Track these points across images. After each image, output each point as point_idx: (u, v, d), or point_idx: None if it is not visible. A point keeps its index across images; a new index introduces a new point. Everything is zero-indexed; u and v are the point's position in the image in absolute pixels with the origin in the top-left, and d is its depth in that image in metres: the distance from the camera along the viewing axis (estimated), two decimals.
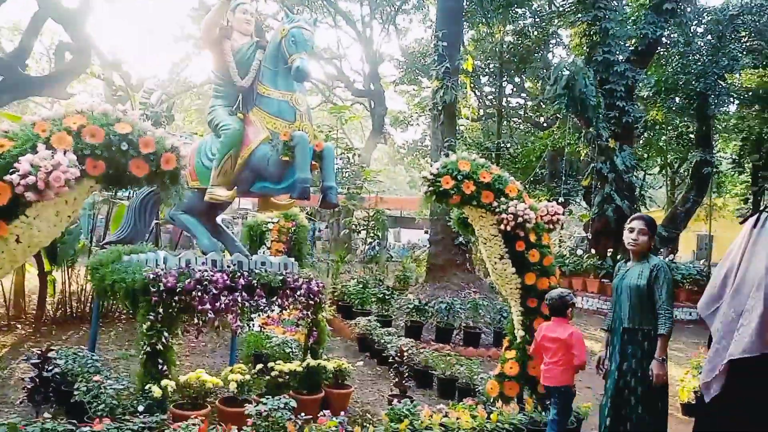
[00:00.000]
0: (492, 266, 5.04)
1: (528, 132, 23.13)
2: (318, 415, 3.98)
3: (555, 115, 18.78)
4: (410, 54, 23.70)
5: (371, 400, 5.87)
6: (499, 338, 7.77)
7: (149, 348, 4.29)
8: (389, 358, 6.19)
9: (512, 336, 5.11)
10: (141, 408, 3.99)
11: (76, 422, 3.65)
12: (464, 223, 5.43)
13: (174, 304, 4.34)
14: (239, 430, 3.71)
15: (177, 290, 4.34)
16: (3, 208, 3.07)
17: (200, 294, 4.41)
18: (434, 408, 4.38)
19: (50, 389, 4.58)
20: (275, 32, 5.27)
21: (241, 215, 19.49)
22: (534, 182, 20.09)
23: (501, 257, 4.95)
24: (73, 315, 8.30)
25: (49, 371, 4.65)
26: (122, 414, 3.92)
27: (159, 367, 4.30)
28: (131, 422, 3.69)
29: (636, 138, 16.88)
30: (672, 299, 3.87)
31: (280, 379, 4.84)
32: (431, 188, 4.82)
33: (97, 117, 3.40)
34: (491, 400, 4.91)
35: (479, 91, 22.85)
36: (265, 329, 6.83)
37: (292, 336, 6.52)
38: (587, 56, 14.11)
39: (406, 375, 5.64)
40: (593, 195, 14.20)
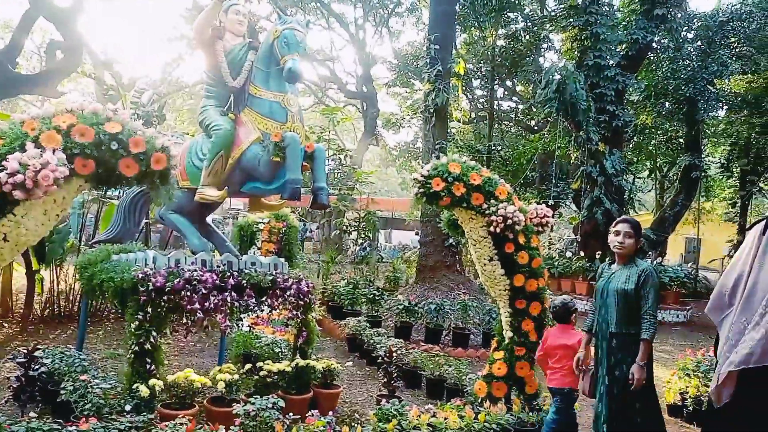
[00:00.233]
0: (481, 268, 5.07)
1: (519, 135, 23.22)
2: (306, 415, 3.99)
3: (546, 119, 18.87)
4: (403, 56, 23.75)
5: (360, 401, 5.88)
6: (488, 339, 7.80)
7: (137, 347, 4.29)
8: (378, 359, 6.21)
9: (500, 337, 5.14)
10: (128, 407, 3.98)
11: (62, 422, 3.64)
12: (454, 225, 5.47)
13: (163, 304, 4.35)
14: (227, 430, 3.71)
15: (166, 290, 4.34)
16: None
17: (189, 294, 4.41)
18: (422, 408, 4.41)
19: (36, 388, 4.57)
20: (268, 33, 5.28)
21: (232, 215, 19.44)
22: (524, 185, 20.19)
23: (490, 259, 4.99)
24: (61, 314, 8.26)
25: (36, 370, 4.64)
26: (109, 413, 3.91)
27: (147, 367, 4.30)
28: (118, 421, 3.68)
29: (626, 142, 16.99)
30: (657, 305, 3.87)
31: (269, 379, 4.85)
32: (422, 190, 4.85)
33: (87, 116, 3.41)
34: (479, 401, 4.94)
35: (471, 94, 22.93)
36: (255, 329, 6.83)
37: (282, 336, 6.52)
38: (578, 60, 14.20)
39: (395, 375, 5.66)
40: (583, 198, 14.28)
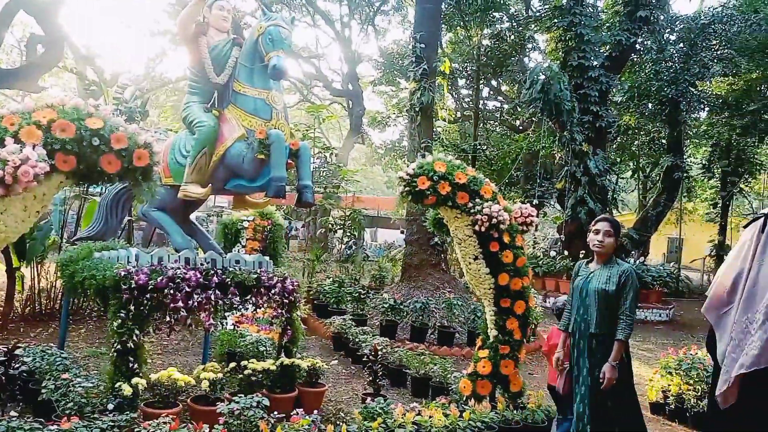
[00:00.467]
0: (466, 266, 5.08)
1: (504, 135, 23.32)
2: (291, 414, 3.98)
3: (531, 119, 18.99)
4: (388, 55, 23.71)
5: (345, 399, 5.87)
6: (473, 338, 7.83)
7: (120, 346, 4.25)
8: (364, 357, 6.20)
9: (485, 335, 5.15)
10: (111, 406, 3.95)
11: (44, 421, 3.59)
12: (439, 224, 5.47)
13: (146, 302, 4.30)
14: (211, 429, 3.69)
15: (149, 288, 4.30)
16: None
17: (173, 292, 4.38)
18: (407, 406, 4.41)
19: (17, 387, 4.50)
20: (252, 29, 5.25)
21: (216, 213, 19.31)
22: (509, 184, 20.29)
23: (475, 257, 4.99)
24: (42, 312, 8.15)
25: (16, 369, 4.57)
26: (91, 412, 3.87)
27: (130, 365, 4.26)
28: (100, 420, 3.64)
29: (609, 142, 17.17)
30: (636, 306, 3.86)
31: (253, 378, 4.83)
32: (407, 188, 4.84)
33: (68, 111, 3.36)
34: (464, 399, 4.95)
35: (456, 94, 22.97)
36: (239, 328, 6.79)
37: (267, 335, 6.49)
38: (563, 61, 14.31)
39: (380, 374, 5.65)
40: (567, 197, 14.39)
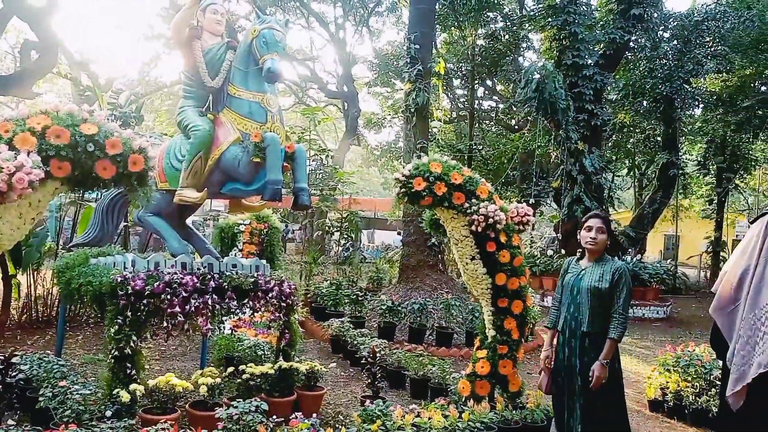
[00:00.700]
0: (463, 267, 5.08)
1: (500, 134, 23.34)
2: (290, 418, 3.97)
3: (526, 118, 19.01)
4: (383, 56, 23.73)
5: (344, 402, 5.86)
6: (471, 338, 7.84)
7: (117, 352, 4.23)
8: (362, 360, 6.19)
9: (483, 336, 5.15)
10: (109, 413, 3.93)
11: (41, 429, 3.59)
12: (436, 224, 5.47)
13: (143, 308, 4.29)
14: None
15: (146, 293, 4.29)
16: None
17: (170, 297, 4.36)
18: (407, 408, 4.41)
19: (14, 395, 4.49)
20: (246, 33, 5.24)
21: (212, 217, 19.29)
22: (505, 184, 20.32)
23: (472, 258, 5.00)
24: (39, 319, 8.12)
25: (13, 377, 4.56)
26: (89, 420, 3.86)
27: (127, 372, 4.24)
28: (98, 428, 3.63)
29: (605, 140, 17.18)
30: (629, 304, 3.83)
31: (252, 382, 4.81)
32: (403, 190, 4.84)
33: (63, 117, 3.35)
34: (463, 400, 4.95)
35: (451, 94, 23.00)
36: (237, 332, 6.78)
37: (264, 338, 6.48)
38: (557, 60, 14.32)
39: (379, 376, 5.64)
40: (563, 196, 14.41)
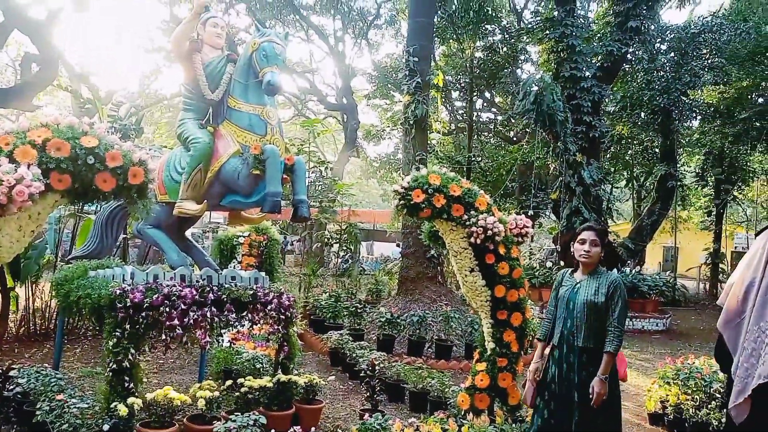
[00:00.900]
0: (463, 279, 5.08)
1: (498, 146, 23.42)
2: (288, 431, 3.95)
3: (524, 130, 19.10)
4: (382, 68, 23.86)
5: (343, 415, 5.83)
6: (471, 350, 7.80)
7: (115, 365, 4.21)
8: (361, 372, 6.16)
9: (482, 348, 5.13)
10: (106, 427, 3.91)
11: None
12: (435, 236, 5.47)
13: (141, 320, 4.28)
14: None
15: (144, 306, 4.28)
16: None
17: (168, 309, 4.35)
18: (406, 422, 4.38)
19: (11, 409, 4.47)
20: (246, 46, 5.27)
21: (212, 229, 19.28)
22: (504, 195, 20.36)
23: (471, 270, 4.99)
24: (37, 332, 8.09)
25: (11, 390, 4.54)
26: None
27: (125, 385, 4.22)
28: None
29: (603, 152, 17.24)
30: (625, 317, 3.77)
31: (250, 396, 4.79)
32: (402, 202, 4.84)
33: (63, 130, 3.36)
34: (462, 413, 4.91)
35: (450, 106, 23.11)
36: (235, 345, 6.75)
37: (263, 351, 6.45)
38: (555, 72, 14.40)
39: (378, 389, 5.62)
40: (562, 208, 14.42)
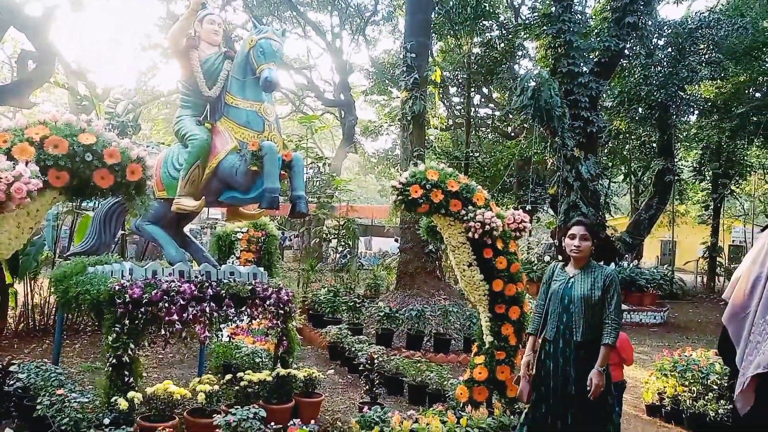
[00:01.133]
0: (461, 273, 5.11)
1: (496, 141, 23.41)
2: (288, 425, 3.98)
3: (522, 125, 19.09)
4: (380, 64, 23.83)
5: (342, 408, 5.87)
6: (469, 344, 7.84)
7: (115, 360, 4.24)
8: (360, 366, 6.20)
9: (481, 341, 5.17)
10: (107, 421, 3.93)
11: None
12: (433, 231, 5.50)
13: (140, 316, 4.30)
14: None
15: (143, 301, 4.30)
16: None
17: (167, 305, 4.38)
18: (405, 414, 4.41)
19: (12, 404, 4.50)
20: (243, 43, 5.28)
21: (210, 225, 19.30)
22: (502, 190, 20.36)
23: (469, 264, 5.02)
24: (36, 328, 8.12)
25: (11, 385, 4.56)
26: (87, 427, 3.86)
27: (125, 380, 4.25)
28: None
29: (600, 147, 17.27)
30: (620, 310, 3.81)
31: (250, 389, 4.82)
32: (400, 197, 4.87)
33: (61, 127, 3.38)
34: (461, 406, 4.95)
35: (448, 102, 23.09)
36: (234, 339, 6.78)
37: (262, 346, 6.49)
38: (552, 68, 14.41)
39: (377, 382, 5.66)
40: (559, 203, 14.46)
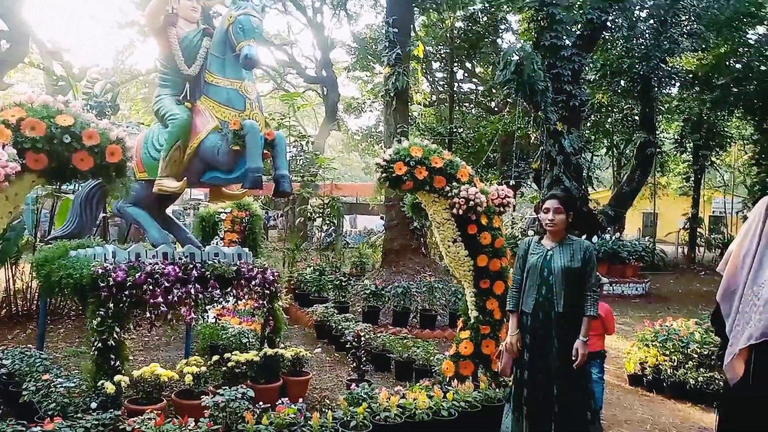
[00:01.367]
0: (446, 249, 5.13)
1: (480, 117, 23.41)
2: (277, 403, 4.00)
3: (505, 100, 19.09)
4: (361, 40, 23.55)
5: (330, 386, 5.91)
6: (455, 319, 7.89)
7: (101, 344, 4.22)
8: (347, 344, 6.23)
9: (466, 317, 5.22)
10: (94, 405, 3.92)
11: (26, 423, 3.56)
12: (418, 208, 5.50)
13: (125, 299, 4.28)
14: (196, 423, 3.69)
15: (127, 284, 4.27)
16: None
17: (152, 287, 4.35)
18: (392, 390, 4.46)
19: None
20: (222, 19, 5.18)
21: (193, 206, 19.15)
22: (486, 166, 20.44)
23: (454, 240, 5.05)
24: (19, 313, 8.04)
25: None
26: (74, 412, 3.84)
27: (111, 363, 4.24)
28: (84, 420, 3.62)
29: (583, 121, 17.33)
30: (597, 282, 3.97)
31: (237, 370, 4.83)
32: (384, 175, 4.85)
33: (37, 109, 3.30)
34: (447, 380, 5.02)
35: (431, 77, 22.96)
36: (221, 320, 6.77)
37: (249, 326, 6.49)
38: (535, 41, 14.36)
39: (364, 360, 5.69)
40: (543, 177, 14.53)
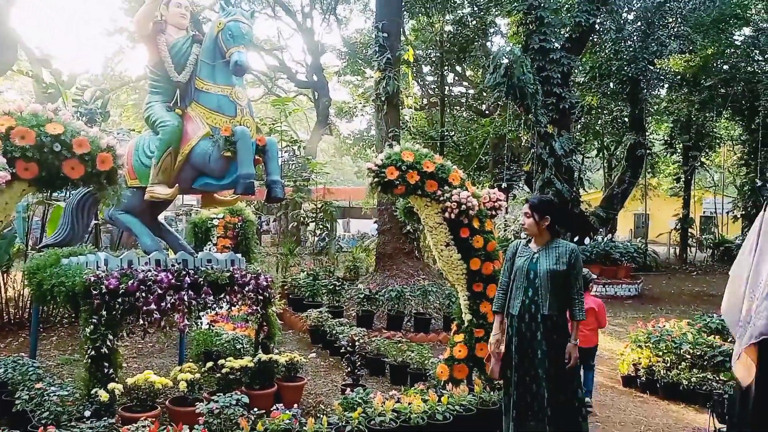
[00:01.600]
0: (438, 253, 5.15)
1: (470, 120, 23.48)
2: (271, 409, 4.00)
3: (496, 103, 19.15)
4: (352, 44, 23.59)
5: (324, 391, 5.91)
6: (448, 323, 7.92)
7: (94, 352, 4.19)
8: (341, 349, 6.23)
9: (460, 320, 5.23)
10: (88, 413, 3.90)
11: None
12: (410, 212, 5.52)
13: (118, 306, 4.26)
14: (191, 430, 3.68)
15: (120, 292, 4.25)
16: None
17: (145, 294, 4.34)
18: (387, 395, 4.47)
19: None
20: (212, 25, 5.18)
21: (185, 212, 19.07)
22: (478, 169, 20.49)
23: (447, 244, 5.07)
24: (11, 322, 7.99)
25: None
26: (68, 421, 3.83)
27: (105, 371, 4.21)
28: (78, 428, 3.60)
29: (573, 123, 17.43)
30: (583, 284, 4.03)
31: (231, 376, 4.81)
32: (376, 179, 4.87)
33: (27, 117, 3.30)
34: (442, 384, 5.02)
35: (422, 81, 23.02)
36: (214, 327, 6.76)
37: (242, 332, 6.48)
38: (524, 44, 14.44)
39: (359, 364, 5.69)
40: (534, 180, 14.59)
